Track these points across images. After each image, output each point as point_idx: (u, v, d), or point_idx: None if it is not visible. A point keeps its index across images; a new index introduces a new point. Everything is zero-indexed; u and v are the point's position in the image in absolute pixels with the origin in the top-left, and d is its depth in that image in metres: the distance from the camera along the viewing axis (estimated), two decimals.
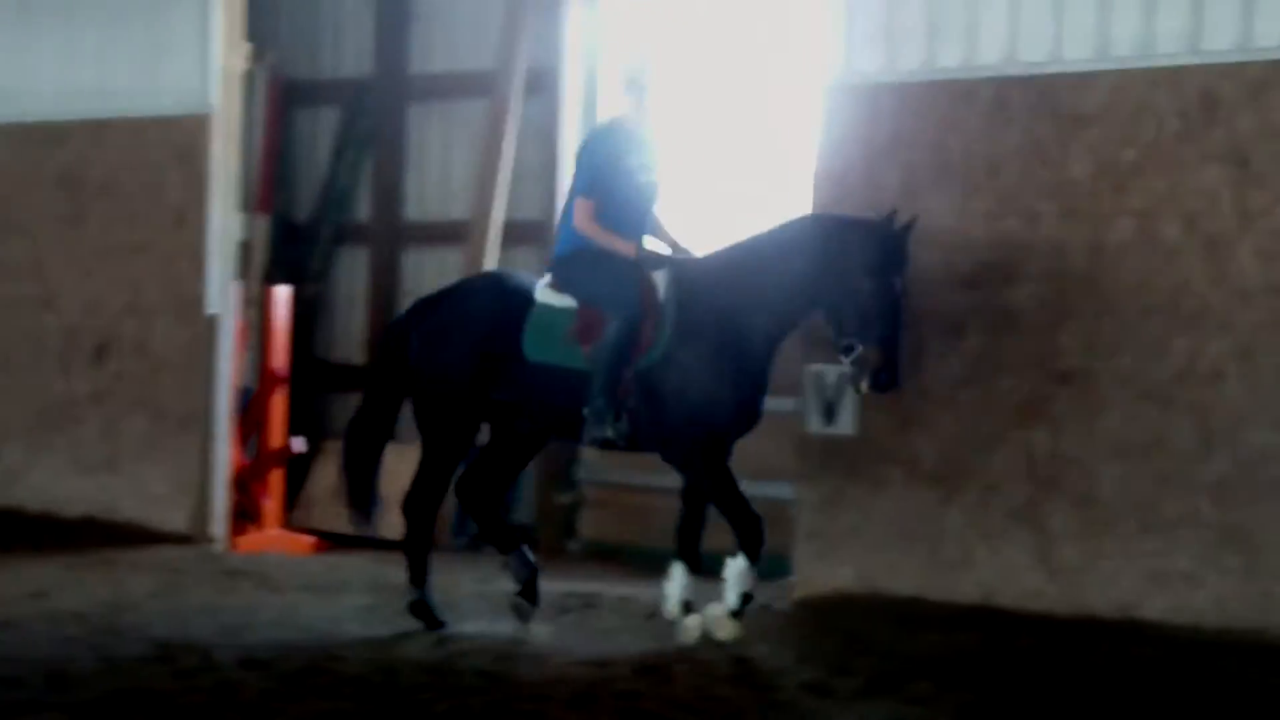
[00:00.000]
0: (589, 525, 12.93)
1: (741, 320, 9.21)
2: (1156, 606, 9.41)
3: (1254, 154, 9.19)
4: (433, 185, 14.07)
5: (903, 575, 10.08)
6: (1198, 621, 9.30)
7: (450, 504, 10.17)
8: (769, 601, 10.00)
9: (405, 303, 11.73)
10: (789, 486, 10.50)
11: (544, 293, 9.50)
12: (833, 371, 9.92)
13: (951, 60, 10.08)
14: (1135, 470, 9.46)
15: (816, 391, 10.20)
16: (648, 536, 12.06)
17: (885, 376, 8.91)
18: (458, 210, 13.71)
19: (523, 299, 9.51)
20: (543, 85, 12.97)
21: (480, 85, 13.30)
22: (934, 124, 10.04)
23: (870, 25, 10.28)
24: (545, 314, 9.43)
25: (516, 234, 13.07)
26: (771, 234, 9.35)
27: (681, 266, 9.39)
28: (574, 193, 9.48)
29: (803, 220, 9.38)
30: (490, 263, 12.81)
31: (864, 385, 8.96)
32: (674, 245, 9.62)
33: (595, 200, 9.35)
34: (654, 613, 9.79)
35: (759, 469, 10.04)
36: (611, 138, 9.49)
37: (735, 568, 9.13)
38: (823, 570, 10.27)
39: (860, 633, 9.41)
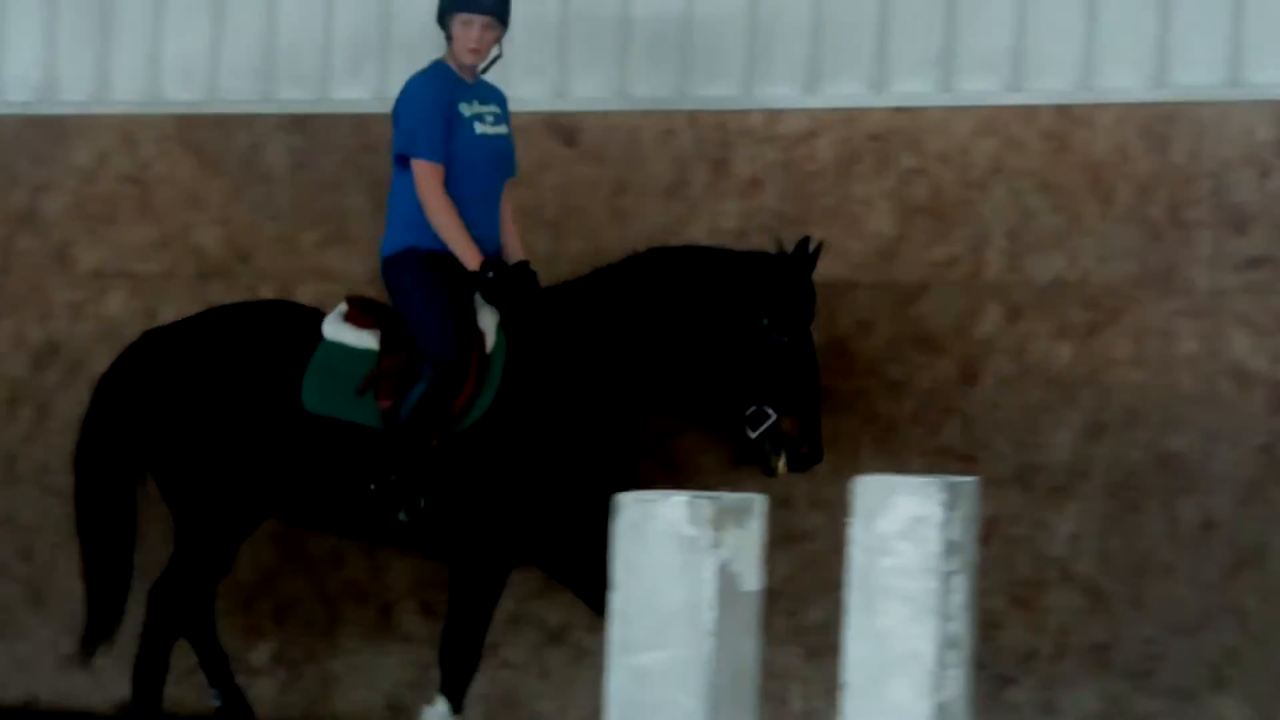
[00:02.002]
0: None
1: (600, 388, 7.07)
2: None
3: None
4: None
5: None
6: None
7: None
8: None
9: None
10: None
11: (335, 327, 7.28)
12: None
13: None
14: None
15: None
16: None
17: (807, 450, 6.83)
18: None
19: (306, 332, 7.33)
20: None
21: None
22: None
23: None
24: (334, 354, 7.21)
25: None
26: (636, 272, 7.13)
27: (521, 309, 7.17)
28: (405, 156, 7.18)
29: (673, 253, 7.18)
30: None
31: (780, 464, 6.86)
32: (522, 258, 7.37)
33: (442, 163, 7.12)
34: None
35: None
36: (441, 80, 7.25)
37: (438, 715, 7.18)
38: None
39: None
